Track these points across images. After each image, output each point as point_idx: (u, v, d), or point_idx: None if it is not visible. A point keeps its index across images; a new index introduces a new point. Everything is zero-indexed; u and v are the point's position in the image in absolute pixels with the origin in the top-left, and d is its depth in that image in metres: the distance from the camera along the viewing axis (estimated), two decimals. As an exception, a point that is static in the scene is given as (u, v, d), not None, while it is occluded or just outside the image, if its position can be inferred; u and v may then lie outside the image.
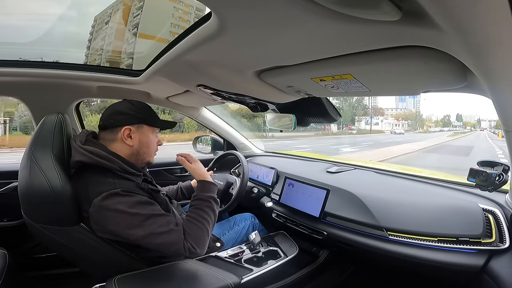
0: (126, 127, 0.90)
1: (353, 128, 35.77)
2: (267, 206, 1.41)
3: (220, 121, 1.91)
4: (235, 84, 0.98)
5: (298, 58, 0.67)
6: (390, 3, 0.34)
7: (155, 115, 0.97)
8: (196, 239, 0.85)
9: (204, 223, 0.88)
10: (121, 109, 0.92)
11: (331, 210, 1.15)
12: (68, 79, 1.23)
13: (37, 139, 0.84)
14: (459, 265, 0.83)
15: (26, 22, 1.28)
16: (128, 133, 0.90)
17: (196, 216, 0.89)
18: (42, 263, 1.35)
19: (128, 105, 0.93)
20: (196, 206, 0.92)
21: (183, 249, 0.82)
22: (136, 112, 0.92)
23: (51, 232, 0.80)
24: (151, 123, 0.95)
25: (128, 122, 0.90)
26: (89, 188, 0.81)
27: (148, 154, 0.96)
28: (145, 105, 0.97)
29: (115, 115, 0.91)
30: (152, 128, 0.96)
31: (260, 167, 1.67)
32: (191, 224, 0.87)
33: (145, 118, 0.93)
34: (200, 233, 0.86)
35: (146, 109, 0.95)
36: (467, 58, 0.45)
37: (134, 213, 0.79)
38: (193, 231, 0.85)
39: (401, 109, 52.10)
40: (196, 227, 0.87)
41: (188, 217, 0.89)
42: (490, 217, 0.87)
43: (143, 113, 0.93)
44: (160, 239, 0.80)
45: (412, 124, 48.38)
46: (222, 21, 0.51)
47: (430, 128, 50.86)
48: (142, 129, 0.93)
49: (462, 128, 59.11)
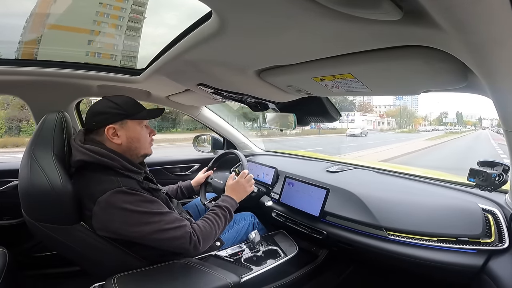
0: (109, 126, 0.88)
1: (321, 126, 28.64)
2: (267, 205, 1.41)
3: (220, 120, 1.91)
4: (235, 83, 0.98)
5: (298, 57, 0.67)
6: (391, 2, 0.34)
7: (138, 107, 0.94)
8: (205, 236, 0.90)
9: (216, 226, 0.96)
10: (100, 109, 0.89)
11: (331, 210, 1.15)
12: (69, 78, 1.23)
13: (38, 137, 0.84)
14: (459, 265, 0.83)
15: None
16: (113, 132, 0.89)
17: (212, 219, 0.96)
18: (42, 262, 1.35)
19: (106, 103, 0.90)
20: (214, 212, 1.00)
21: (188, 243, 0.85)
22: (116, 109, 0.89)
23: (51, 231, 0.80)
24: (134, 117, 0.92)
25: (110, 120, 0.88)
26: (91, 187, 0.81)
27: (141, 148, 0.95)
28: (125, 99, 0.93)
29: (96, 116, 0.89)
30: (138, 121, 0.93)
31: (260, 166, 1.67)
32: (206, 223, 0.94)
33: (127, 113, 0.90)
34: (210, 232, 0.93)
35: (127, 103, 0.92)
36: (468, 58, 0.45)
37: (141, 211, 0.80)
38: (205, 228, 0.92)
39: (393, 106, 47.88)
40: (208, 226, 0.93)
41: (205, 217, 0.97)
42: (490, 217, 0.87)
43: (123, 108, 0.90)
44: (167, 235, 0.83)
45: (399, 121, 43.72)
46: (223, 21, 0.51)
47: (421, 126, 46.06)
48: (126, 125, 0.91)
49: (461, 127, 54.78)
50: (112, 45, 3.19)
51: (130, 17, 1.61)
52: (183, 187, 1.36)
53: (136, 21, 1.44)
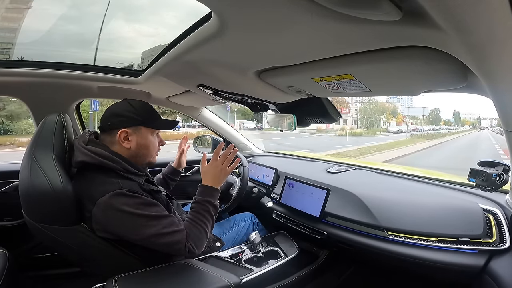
0: (123, 130, 0.88)
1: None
2: (268, 206, 1.41)
3: (221, 121, 1.91)
4: (235, 84, 0.98)
5: (298, 58, 0.67)
6: (391, 3, 0.34)
7: (155, 115, 0.95)
8: (195, 240, 0.86)
9: (203, 226, 0.90)
10: (119, 111, 0.90)
11: (331, 210, 1.15)
12: (69, 79, 1.23)
13: (38, 139, 0.85)
14: (460, 265, 0.83)
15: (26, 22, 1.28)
16: (125, 136, 0.89)
17: (195, 219, 0.90)
18: (42, 263, 1.35)
19: (126, 107, 0.91)
20: (194, 209, 0.93)
21: (184, 249, 0.83)
22: (134, 114, 0.90)
23: (51, 232, 0.80)
24: (149, 125, 0.93)
25: (125, 124, 0.89)
26: (92, 188, 0.81)
27: (147, 156, 0.95)
28: (144, 105, 0.94)
29: (112, 118, 0.89)
30: (151, 129, 0.94)
31: (260, 167, 1.67)
32: (191, 226, 0.88)
33: (143, 120, 0.91)
34: (199, 235, 0.88)
35: (146, 110, 0.93)
36: (468, 58, 0.45)
37: (140, 214, 0.80)
38: (193, 232, 0.87)
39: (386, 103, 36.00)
40: (195, 229, 0.88)
41: (188, 220, 0.91)
42: (491, 217, 0.87)
43: (141, 114, 0.91)
44: (164, 239, 0.81)
45: (363, 120, 31.65)
46: (223, 21, 0.51)
47: (394, 125, 33.49)
48: (139, 131, 0.91)
49: (458, 126, 47.47)
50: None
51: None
52: (168, 173, 1.32)
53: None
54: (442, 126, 45.00)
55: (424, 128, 34.32)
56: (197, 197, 0.96)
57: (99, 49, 1.31)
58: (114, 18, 1.27)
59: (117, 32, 1.38)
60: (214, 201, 0.95)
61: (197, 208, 0.93)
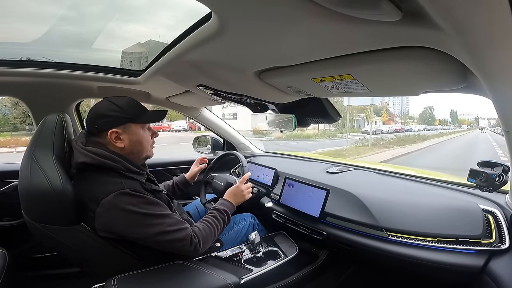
0: (112, 130, 0.86)
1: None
2: (267, 207, 1.41)
3: (220, 121, 1.91)
4: (235, 84, 0.98)
5: (298, 58, 0.67)
6: (390, 3, 0.34)
7: (141, 110, 0.92)
8: (204, 238, 0.91)
9: (215, 228, 0.97)
10: (103, 111, 0.87)
11: (331, 211, 1.15)
12: (69, 79, 1.23)
13: (38, 138, 0.84)
14: (459, 266, 0.83)
15: (26, 22, 1.28)
16: (116, 136, 0.87)
17: (211, 221, 0.97)
18: (42, 263, 1.35)
19: (109, 106, 0.87)
20: (213, 214, 1.01)
21: (189, 245, 0.85)
22: (120, 112, 0.87)
23: (51, 232, 0.80)
24: (138, 121, 0.91)
25: (113, 125, 0.86)
26: (95, 188, 0.81)
27: (143, 151, 0.94)
28: (128, 101, 0.91)
29: (98, 119, 0.87)
30: (141, 124, 0.92)
31: (260, 167, 1.67)
32: (205, 225, 0.95)
33: (131, 117, 0.89)
34: (209, 235, 0.94)
35: (130, 106, 0.90)
36: (468, 58, 0.45)
37: (144, 213, 0.80)
38: (205, 231, 0.93)
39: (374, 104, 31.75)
40: (208, 229, 0.94)
41: (204, 219, 0.98)
42: (490, 217, 0.87)
43: (127, 112, 0.88)
44: (169, 237, 0.83)
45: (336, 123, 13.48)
46: (223, 22, 0.51)
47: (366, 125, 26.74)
48: (129, 129, 0.89)
49: (455, 127, 42.16)
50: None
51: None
52: (179, 182, 1.34)
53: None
54: (437, 126, 40.28)
55: (413, 128, 30.99)
56: (218, 206, 1.05)
57: (99, 49, 1.31)
58: (113, 18, 1.27)
59: (117, 32, 1.38)
60: (230, 214, 1.06)
61: (216, 214, 1.01)
